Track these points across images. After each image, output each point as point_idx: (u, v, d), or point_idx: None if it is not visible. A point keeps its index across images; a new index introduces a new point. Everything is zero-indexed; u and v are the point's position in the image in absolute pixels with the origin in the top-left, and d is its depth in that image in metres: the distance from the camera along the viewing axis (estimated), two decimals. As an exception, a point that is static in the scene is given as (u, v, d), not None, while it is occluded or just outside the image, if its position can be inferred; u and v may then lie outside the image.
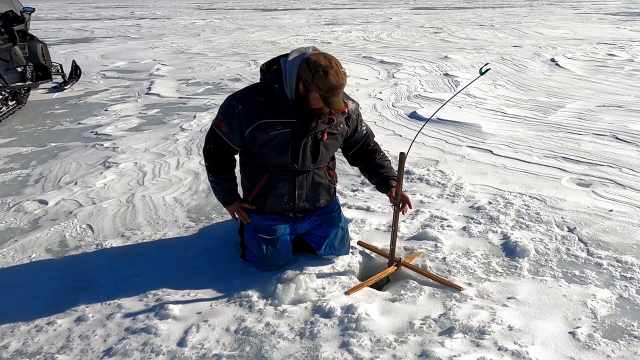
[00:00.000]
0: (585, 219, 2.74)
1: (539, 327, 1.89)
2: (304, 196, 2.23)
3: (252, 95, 2.06)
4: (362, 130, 2.31)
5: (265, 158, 2.13)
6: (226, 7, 29.34)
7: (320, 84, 1.88)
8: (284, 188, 2.19)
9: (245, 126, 2.05)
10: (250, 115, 2.03)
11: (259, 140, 2.07)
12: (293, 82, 1.97)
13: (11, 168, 3.77)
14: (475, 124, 4.64)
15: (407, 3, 29.66)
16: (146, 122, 5.10)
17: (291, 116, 2.02)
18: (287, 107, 2.01)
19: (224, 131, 2.11)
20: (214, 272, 2.29)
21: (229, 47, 11.49)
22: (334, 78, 1.88)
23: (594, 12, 21.23)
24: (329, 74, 1.88)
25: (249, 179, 2.25)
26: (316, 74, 1.88)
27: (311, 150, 2.12)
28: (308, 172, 2.19)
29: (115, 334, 1.89)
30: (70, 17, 23.09)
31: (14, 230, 2.75)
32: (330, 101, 1.92)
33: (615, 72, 7.47)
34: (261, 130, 2.04)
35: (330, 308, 1.98)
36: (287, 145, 2.07)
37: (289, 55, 2.01)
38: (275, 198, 2.21)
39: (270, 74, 2.06)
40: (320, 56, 1.93)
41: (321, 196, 2.29)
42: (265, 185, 2.19)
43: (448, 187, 3.23)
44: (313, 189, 2.24)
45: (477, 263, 2.34)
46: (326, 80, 1.87)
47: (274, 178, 2.17)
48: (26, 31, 6.15)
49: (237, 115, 2.05)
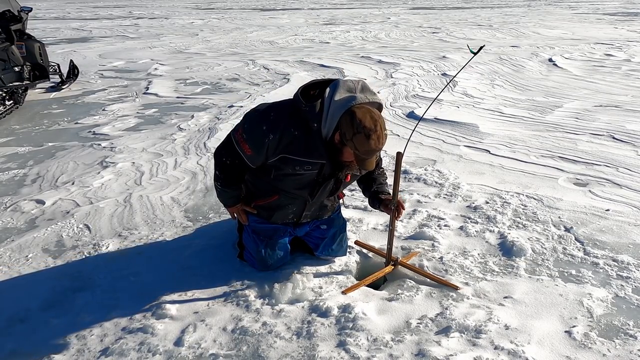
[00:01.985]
0: (582, 219, 2.75)
1: (535, 326, 1.89)
2: (310, 215, 2.24)
3: (286, 125, 1.87)
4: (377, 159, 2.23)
5: (283, 185, 2.04)
6: (224, 6, 29.31)
7: (359, 146, 1.76)
8: (291, 209, 2.17)
9: (273, 155, 1.91)
10: (281, 146, 1.88)
11: (282, 171, 1.96)
12: (332, 127, 1.84)
13: (8, 168, 3.76)
14: (472, 124, 4.64)
15: (405, 3, 29.67)
16: (144, 121, 5.09)
17: (323, 158, 1.91)
18: (321, 149, 1.88)
19: (247, 153, 1.94)
20: (211, 271, 2.29)
21: (227, 47, 11.48)
22: (375, 144, 1.76)
23: (591, 13, 21.28)
24: (371, 138, 1.75)
25: (258, 189, 2.15)
26: (357, 135, 1.74)
27: (331, 188, 2.10)
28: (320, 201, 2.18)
29: (112, 333, 1.89)
30: (68, 17, 23.03)
31: (10, 230, 2.74)
32: (363, 162, 1.83)
33: (613, 72, 7.48)
34: (288, 164, 1.92)
35: (327, 307, 1.99)
36: (310, 183, 2.01)
37: (334, 91, 1.84)
38: (280, 215, 2.20)
39: (311, 107, 1.85)
40: (366, 114, 1.76)
41: (325, 214, 2.30)
42: (274, 204, 2.14)
43: (445, 186, 3.24)
44: (320, 209, 2.25)
45: (474, 262, 2.35)
46: (366, 145, 1.75)
47: (285, 200, 2.11)
48: (24, 31, 6.14)
49: (267, 144, 1.88)
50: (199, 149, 4.10)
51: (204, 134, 4.54)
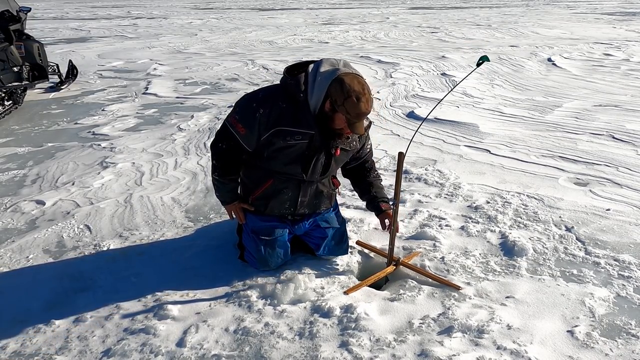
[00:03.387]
0: (583, 218, 2.75)
1: (537, 326, 1.89)
2: (306, 203, 2.23)
3: (274, 100, 1.98)
4: (367, 147, 2.32)
5: (275, 164, 2.09)
6: (223, 6, 29.30)
7: (350, 109, 1.85)
8: (287, 194, 2.17)
9: (265, 130, 1.98)
10: (272, 120, 1.96)
11: (274, 146, 2.02)
12: (320, 97, 1.91)
13: (8, 168, 3.75)
14: (472, 124, 4.64)
15: (404, 3, 29.69)
16: (143, 122, 5.08)
17: (311, 128, 1.97)
18: (310, 118, 1.96)
19: (240, 133, 2.02)
20: (212, 272, 2.29)
21: (226, 47, 11.46)
22: (365, 106, 1.85)
23: (590, 12, 21.32)
24: (361, 101, 1.84)
25: (252, 180, 2.21)
26: (348, 99, 1.83)
27: (322, 163, 2.11)
28: (313, 181, 2.19)
29: (114, 334, 1.88)
30: (67, 17, 22.98)
31: (11, 231, 2.74)
32: (355, 126, 1.91)
33: (612, 72, 7.50)
34: (279, 137, 1.98)
35: (330, 308, 1.99)
36: (301, 156, 2.05)
37: (319, 65, 1.94)
38: (277, 203, 2.20)
39: (295, 80, 1.97)
40: (354, 80, 1.86)
41: (322, 204, 2.30)
42: (269, 190, 2.16)
43: (446, 186, 3.24)
44: (316, 196, 2.24)
45: (476, 262, 2.35)
46: (357, 108, 1.84)
47: (279, 184, 2.15)
48: (22, 31, 6.13)
49: (258, 118, 1.97)
50: (199, 149, 4.10)
51: (203, 134, 4.53)
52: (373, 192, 2.33)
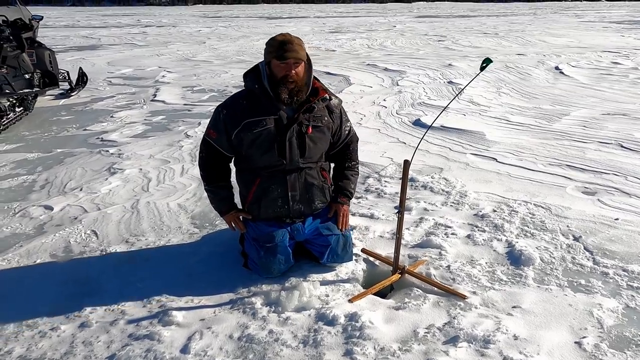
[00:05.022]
0: (591, 228, 2.72)
1: (544, 336, 1.87)
2: (298, 198, 2.24)
3: (235, 100, 2.19)
4: (345, 128, 2.34)
5: (255, 159, 2.19)
6: (231, 15, 29.62)
7: (270, 47, 2.06)
8: (276, 191, 2.21)
9: (232, 129, 2.15)
10: (236, 117, 2.14)
11: (245, 141, 2.15)
12: (264, 70, 2.12)
13: (17, 174, 3.79)
14: (479, 132, 4.63)
15: (411, 11, 29.82)
16: (151, 128, 5.13)
17: (273, 112, 2.12)
18: (268, 102, 2.12)
19: (213, 137, 2.22)
20: (217, 278, 2.29)
21: (234, 55, 11.57)
22: (280, 36, 2.07)
23: (598, 21, 21.25)
24: (277, 37, 2.08)
25: (243, 186, 2.30)
26: (268, 44, 2.09)
27: (297, 144, 2.16)
28: (299, 171, 2.21)
29: (119, 340, 1.89)
30: (78, 25, 23.36)
31: (19, 236, 2.76)
32: (284, 55, 2.02)
33: (620, 80, 7.46)
34: (246, 130, 2.13)
35: (334, 316, 1.98)
36: (273, 142, 2.13)
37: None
38: (269, 202, 2.23)
39: (250, 76, 2.18)
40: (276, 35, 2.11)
41: (315, 197, 2.30)
42: (258, 190, 2.22)
43: (452, 194, 3.23)
44: (306, 190, 2.26)
45: (482, 271, 2.33)
46: (274, 41, 2.06)
47: (266, 181, 2.21)
48: (34, 38, 6.23)
49: (223, 120, 2.16)
50: (206, 156, 4.12)
51: (210, 141, 4.56)
52: (339, 182, 2.38)
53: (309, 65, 2.17)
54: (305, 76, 2.13)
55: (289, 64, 2.04)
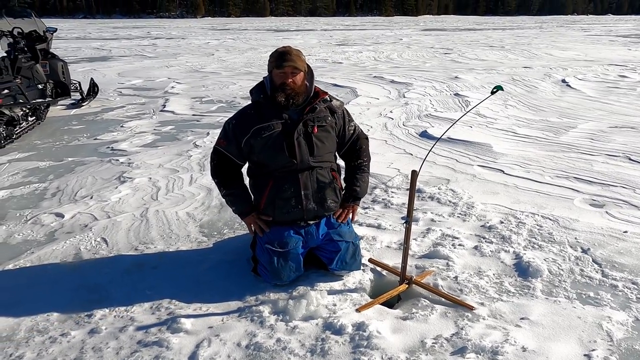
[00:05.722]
0: (599, 240, 2.71)
1: (553, 348, 1.86)
2: (311, 197, 2.29)
3: (243, 111, 2.34)
4: (350, 128, 2.41)
5: (267, 163, 2.28)
6: (239, 27, 30.03)
7: (272, 58, 2.22)
8: (289, 190, 2.26)
9: (241, 136, 2.27)
10: (244, 126, 2.27)
11: (256, 147, 2.26)
12: (268, 83, 2.26)
13: (29, 182, 3.86)
14: (486, 144, 4.64)
15: (417, 24, 30.07)
16: (160, 138, 5.20)
17: (279, 116, 2.24)
18: (273, 109, 2.24)
19: (223, 145, 2.33)
20: (225, 286, 2.30)
21: (242, 66, 11.72)
22: (281, 48, 2.24)
23: (604, 35, 21.28)
24: (278, 49, 2.24)
25: (257, 191, 2.36)
26: (270, 56, 2.25)
27: (305, 143, 2.24)
28: (310, 170, 2.27)
29: (128, 346, 1.90)
30: (89, 37, 23.80)
31: (30, 242, 2.80)
32: (282, 65, 2.16)
33: (627, 94, 7.45)
34: (256, 136, 2.24)
35: (342, 325, 1.98)
36: (282, 144, 2.22)
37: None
38: (282, 202, 2.27)
39: (255, 90, 2.32)
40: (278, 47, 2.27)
41: (328, 196, 2.34)
42: (272, 192, 2.28)
43: (459, 205, 3.23)
44: (318, 189, 2.31)
45: (490, 282, 2.32)
46: (275, 52, 2.23)
47: (279, 181, 2.27)
48: (48, 50, 6.37)
49: (232, 129, 2.29)
50: (214, 166, 4.16)
51: (219, 151, 4.61)
52: (348, 185, 2.45)
53: (309, 76, 2.30)
54: (303, 84, 2.25)
55: (286, 72, 2.18)
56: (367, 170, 2.49)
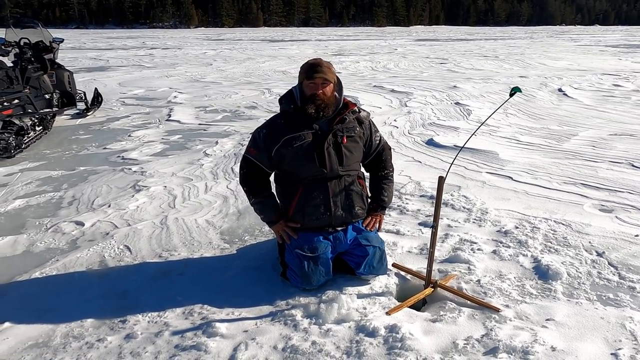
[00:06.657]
0: (613, 244, 2.80)
1: (580, 348, 1.92)
2: (339, 204, 2.34)
3: (273, 121, 2.38)
4: (376, 138, 2.48)
5: (297, 171, 2.33)
6: (234, 37, 30.19)
7: (302, 70, 2.29)
8: (319, 197, 2.32)
9: (272, 145, 2.31)
10: (275, 135, 2.31)
11: (287, 157, 2.30)
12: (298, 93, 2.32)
13: (44, 190, 3.86)
14: (492, 151, 4.74)
15: (410, 35, 30.47)
16: (170, 147, 5.23)
17: (307, 126, 2.29)
18: (303, 119, 2.29)
19: (253, 154, 2.38)
20: (255, 291, 2.34)
21: (242, 76, 11.80)
22: (312, 61, 2.31)
23: (594, 45, 21.74)
24: (309, 60, 2.33)
25: (285, 198, 2.40)
26: (301, 67, 2.32)
27: (335, 154, 2.29)
28: (339, 178, 2.33)
29: (165, 351, 1.93)
30: (84, 47, 23.77)
31: (54, 251, 2.82)
32: (313, 76, 2.23)
33: (623, 102, 7.64)
34: (286, 146, 2.28)
35: (374, 327, 2.03)
36: (313, 153, 2.28)
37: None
38: (312, 209, 2.32)
39: (284, 99, 2.37)
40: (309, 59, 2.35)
41: (355, 203, 2.40)
42: (301, 199, 2.33)
43: (473, 211, 3.30)
44: (347, 196, 2.37)
45: (512, 285, 2.39)
46: (306, 64, 2.30)
47: (308, 189, 2.32)
48: (54, 60, 6.40)
49: (263, 138, 2.34)
50: (227, 174, 4.21)
51: (230, 159, 4.66)
52: (374, 194, 2.53)
53: (339, 87, 2.35)
54: (332, 96, 2.30)
55: (317, 83, 2.24)
56: (392, 180, 2.56)
